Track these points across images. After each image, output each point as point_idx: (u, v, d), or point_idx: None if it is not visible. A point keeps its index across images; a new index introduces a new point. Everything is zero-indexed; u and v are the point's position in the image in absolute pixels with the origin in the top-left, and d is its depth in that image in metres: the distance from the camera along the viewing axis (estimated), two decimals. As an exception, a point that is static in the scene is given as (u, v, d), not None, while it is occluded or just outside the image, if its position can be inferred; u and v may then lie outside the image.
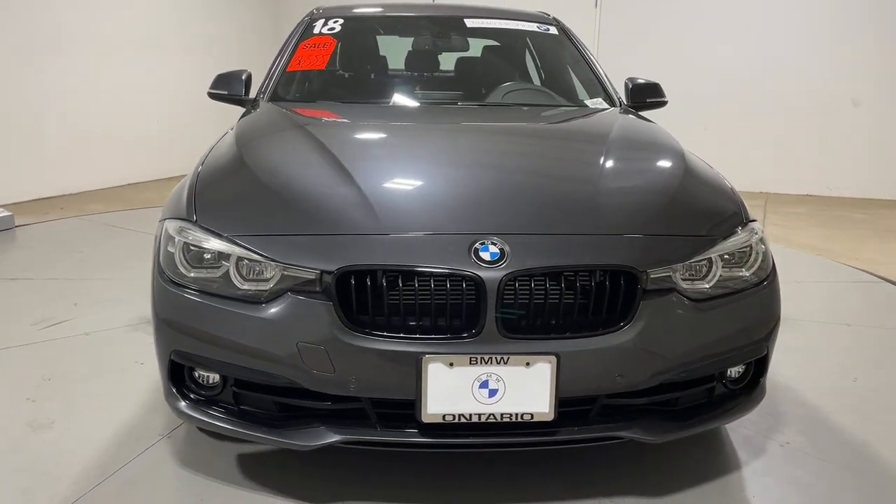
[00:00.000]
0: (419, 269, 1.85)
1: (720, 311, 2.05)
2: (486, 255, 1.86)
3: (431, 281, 1.85)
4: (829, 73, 7.94)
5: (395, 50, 3.85)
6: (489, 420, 1.88)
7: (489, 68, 3.77)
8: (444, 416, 1.87)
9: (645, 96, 3.53)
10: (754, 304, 2.13)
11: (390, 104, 3.32)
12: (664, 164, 2.52)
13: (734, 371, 2.18)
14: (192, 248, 2.00)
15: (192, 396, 2.07)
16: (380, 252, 1.89)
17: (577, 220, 2.04)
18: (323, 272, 1.86)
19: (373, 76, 3.68)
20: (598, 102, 3.33)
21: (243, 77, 3.40)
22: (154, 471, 2.25)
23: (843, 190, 8.07)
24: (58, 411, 2.63)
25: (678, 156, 2.55)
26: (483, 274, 1.83)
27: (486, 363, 1.84)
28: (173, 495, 2.16)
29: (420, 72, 3.63)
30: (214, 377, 2.03)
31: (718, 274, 2.07)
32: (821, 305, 4.06)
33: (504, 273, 1.83)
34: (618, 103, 3.37)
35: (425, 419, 1.86)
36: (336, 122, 2.96)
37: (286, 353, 1.87)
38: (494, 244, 1.89)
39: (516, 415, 1.88)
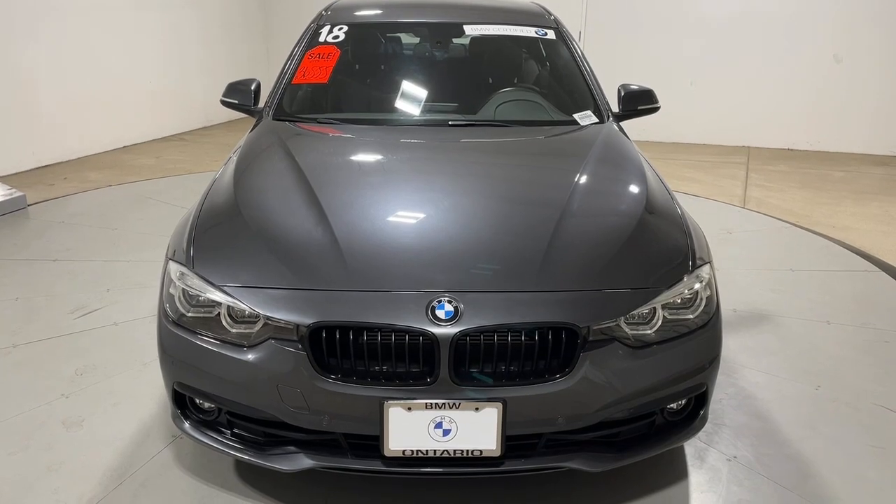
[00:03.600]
0: (382, 325, 2.10)
1: (661, 357, 2.25)
2: (441, 314, 2.10)
3: (393, 336, 2.10)
4: (813, 28, 8.01)
5: (394, 57, 4.00)
6: (443, 455, 2.16)
7: (486, 74, 3.90)
8: (403, 451, 2.15)
9: (636, 104, 3.66)
10: (695, 347, 2.32)
11: (384, 119, 3.53)
12: (623, 205, 2.69)
13: (675, 404, 2.40)
14: (189, 293, 2.29)
15: (194, 418, 2.39)
16: (348, 309, 2.14)
17: (527, 278, 2.24)
18: (298, 325, 2.13)
19: (370, 89, 3.84)
20: (586, 116, 3.46)
21: (252, 87, 3.65)
22: (165, 474, 2.60)
23: (825, 144, 8.29)
24: (88, 408, 3.00)
25: (640, 193, 2.71)
26: (438, 331, 2.07)
27: (440, 408, 2.10)
28: (180, 499, 2.50)
29: (415, 81, 3.77)
30: (212, 405, 2.34)
31: (661, 319, 2.27)
32: (808, 299, 4.19)
33: (457, 330, 2.07)
34: (605, 116, 3.50)
35: (387, 454, 2.15)
36: (326, 155, 3.15)
37: (268, 392, 2.16)
38: (450, 302, 2.12)
39: (467, 451, 2.15)
